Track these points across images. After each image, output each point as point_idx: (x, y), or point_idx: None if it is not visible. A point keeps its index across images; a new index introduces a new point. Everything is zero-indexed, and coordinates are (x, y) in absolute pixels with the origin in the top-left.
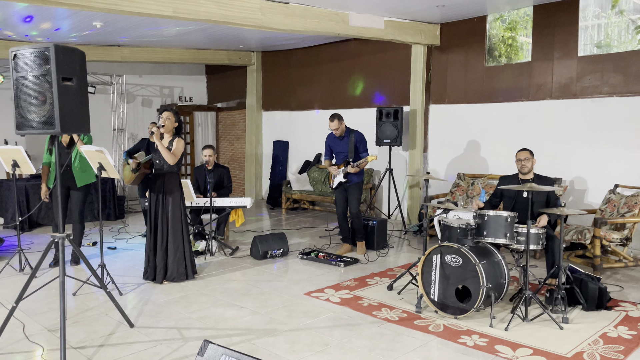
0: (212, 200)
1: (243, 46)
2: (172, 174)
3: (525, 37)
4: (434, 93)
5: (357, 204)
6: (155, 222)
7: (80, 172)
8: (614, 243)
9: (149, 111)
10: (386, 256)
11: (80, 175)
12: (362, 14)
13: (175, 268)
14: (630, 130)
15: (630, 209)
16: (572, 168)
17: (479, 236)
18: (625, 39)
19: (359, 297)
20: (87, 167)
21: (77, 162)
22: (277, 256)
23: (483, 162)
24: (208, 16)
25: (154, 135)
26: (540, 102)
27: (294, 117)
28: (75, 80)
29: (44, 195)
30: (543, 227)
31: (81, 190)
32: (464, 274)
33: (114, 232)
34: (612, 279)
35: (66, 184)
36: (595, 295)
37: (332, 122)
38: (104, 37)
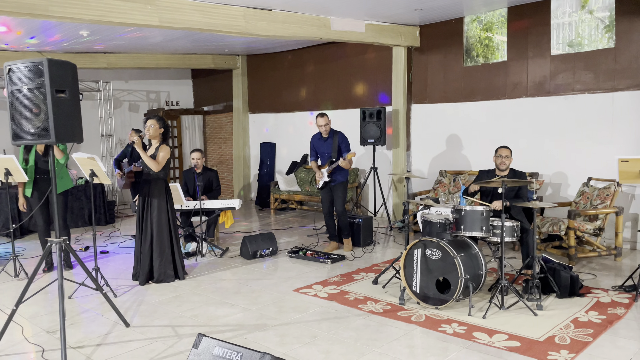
0: (202, 202)
1: (228, 50)
2: (158, 180)
3: (501, 37)
4: (415, 93)
5: (343, 203)
6: (142, 225)
7: (58, 180)
8: (588, 233)
9: (136, 116)
10: (372, 252)
11: (58, 182)
12: (343, 19)
13: (163, 270)
14: (602, 126)
15: (602, 201)
16: (548, 163)
17: (457, 230)
18: (595, 37)
19: (346, 292)
20: (63, 173)
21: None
22: (267, 255)
23: (464, 159)
24: (193, 24)
25: (136, 144)
26: (516, 100)
27: (280, 119)
28: (68, 92)
29: (21, 206)
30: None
31: (60, 196)
32: (444, 267)
33: (105, 236)
34: (587, 267)
35: (45, 191)
36: (568, 283)
37: (321, 118)
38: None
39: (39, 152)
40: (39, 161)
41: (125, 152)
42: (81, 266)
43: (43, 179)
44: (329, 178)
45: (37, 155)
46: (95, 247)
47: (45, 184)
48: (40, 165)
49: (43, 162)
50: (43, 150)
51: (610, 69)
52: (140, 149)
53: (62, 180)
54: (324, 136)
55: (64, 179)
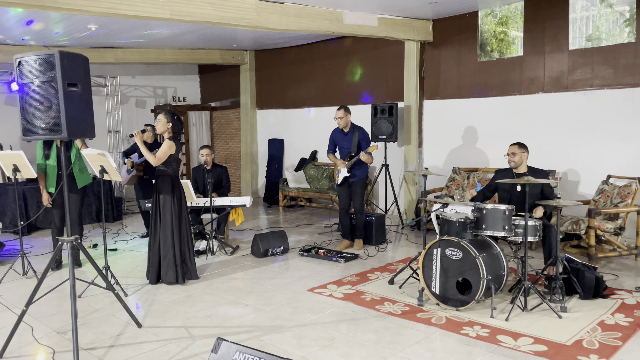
0: (212, 200)
1: (236, 45)
2: (164, 176)
3: (516, 31)
4: (428, 88)
5: (362, 200)
6: (153, 222)
7: (80, 174)
8: (608, 233)
9: (143, 112)
10: (385, 251)
11: (80, 177)
12: (356, 12)
13: (165, 271)
14: (621, 122)
15: (623, 199)
16: (565, 160)
17: (478, 229)
18: (614, 32)
19: (362, 292)
20: (84, 168)
21: (77, 163)
22: (278, 254)
23: (478, 156)
24: (204, 17)
25: (136, 137)
26: (533, 95)
27: (289, 115)
28: (80, 86)
29: (46, 202)
30: (539, 218)
31: (80, 192)
32: (464, 267)
33: (113, 233)
34: (607, 267)
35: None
36: (592, 284)
37: (338, 110)
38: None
39: (58, 146)
40: (60, 155)
41: (135, 147)
42: (92, 265)
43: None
44: (349, 174)
45: (58, 150)
46: (105, 245)
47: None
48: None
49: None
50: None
51: (631, 64)
52: (140, 142)
53: (82, 175)
54: (344, 130)
55: (85, 173)
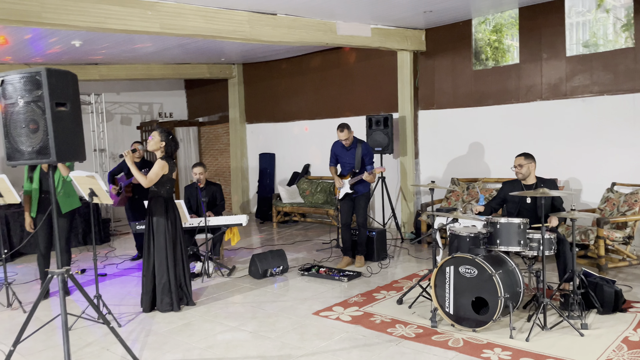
0: (207, 219)
1: (224, 59)
2: (158, 197)
3: (510, 39)
4: (422, 99)
5: (365, 214)
6: (146, 246)
7: (65, 198)
8: (617, 242)
9: (129, 129)
10: (388, 267)
11: (65, 201)
12: (349, 23)
13: (160, 297)
14: (623, 129)
15: (630, 207)
16: (566, 168)
17: (492, 245)
18: (612, 37)
19: (370, 314)
20: (70, 192)
21: (60, 187)
22: (277, 274)
23: (476, 166)
24: (196, 30)
25: (126, 157)
26: (531, 103)
27: (280, 129)
28: (69, 105)
29: (28, 226)
30: (553, 231)
31: (66, 216)
32: (480, 285)
33: (101, 257)
34: (619, 278)
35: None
36: (612, 299)
37: (341, 132)
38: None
39: (44, 170)
40: (43, 179)
41: (122, 166)
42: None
43: (48, 199)
44: (352, 190)
45: (41, 173)
46: (96, 271)
47: (49, 203)
48: (45, 183)
49: (47, 180)
50: (47, 168)
51: (631, 69)
52: (130, 162)
53: (69, 199)
54: (346, 146)
55: (72, 197)
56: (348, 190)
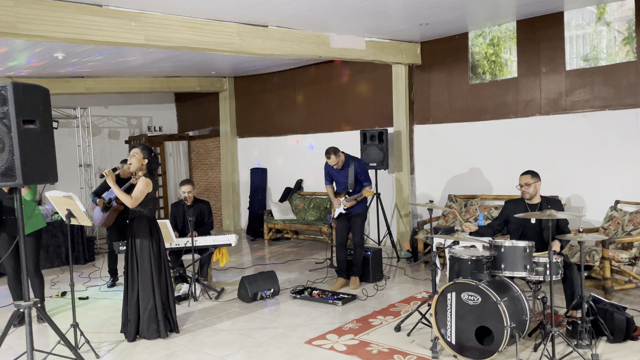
0: (194, 239)
1: (215, 72)
2: (141, 217)
3: (508, 53)
4: (418, 113)
5: (362, 233)
6: (128, 271)
7: (25, 219)
8: (623, 263)
9: (117, 143)
10: (384, 289)
11: (26, 222)
12: (343, 35)
13: (146, 325)
14: (625, 144)
15: (636, 226)
16: (567, 185)
17: (496, 269)
18: (612, 50)
19: (366, 343)
20: (32, 212)
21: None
22: (268, 297)
23: (474, 182)
24: (183, 43)
25: (107, 177)
26: (530, 118)
27: (272, 143)
28: (39, 123)
29: None
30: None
31: (30, 238)
32: (484, 313)
33: (84, 277)
34: (626, 301)
35: (12, 234)
36: (623, 327)
37: (329, 158)
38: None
39: (4, 190)
40: (4, 200)
41: (105, 186)
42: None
43: (10, 220)
44: (346, 211)
45: (1, 193)
46: (73, 298)
47: (13, 225)
48: (6, 204)
49: (9, 200)
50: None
51: (633, 84)
52: (112, 182)
53: (31, 220)
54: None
55: (34, 218)
56: (343, 211)
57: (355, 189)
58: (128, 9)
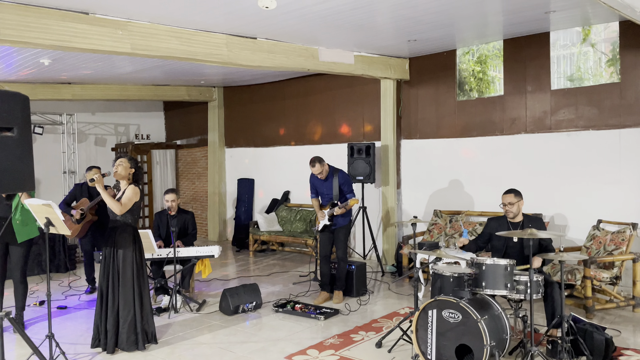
0: (177, 250)
1: (204, 82)
2: (125, 226)
3: (495, 71)
4: (405, 128)
5: (345, 247)
6: (106, 282)
7: (21, 226)
8: (604, 282)
9: (103, 150)
10: (367, 304)
11: (21, 230)
12: (332, 49)
13: (125, 336)
14: (608, 164)
15: (617, 246)
16: (551, 204)
17: (477, 287)
18: (597, 72)
19: (347, 359)
20: (29, 220)
21: (18, 214)
22: (250, 310)
23: (459, 198)
24: (170, 52)
25: (97, 182)
26: (515, 136)
27: (259, 154)
28: (17, 130)
29: None
30: (541, 272)
31: (22, 246)
32: (464, 331)
33: (64, 286)
34: (606, 321)
35: (4, 240)
36: (602, 347)
37: (313, 167)
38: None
39: (2, 195)
40: (0, 204)
41: (75, 193)
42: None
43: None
44: (329, 222)
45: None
46: (49, 308)
47: (5, 232)
48: (1, 210)
49: (5, 207)
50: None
51: (616, 105)
52: (101, 187)
53: (26, 228)
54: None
55: (29, 226)
56: (326, 222)
57: (340, 201)
58: (115, 17)
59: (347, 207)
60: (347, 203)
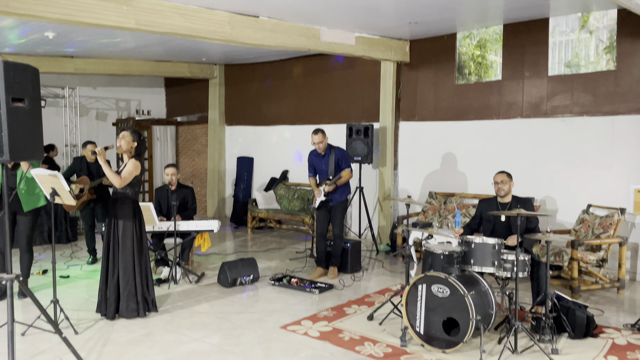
0: (177, 224)
1: (206, 59)
2: (125, 199)
3: (494, 55)
4: (404, 110)
5: (342, 224)
6: (108, 251)
7: (27, 196)
8: (591, 264)
9: (104, 125)
10: (361, 280)
11: (27, 199)
12: (334, 30)
13: (125, 304)
14: (601, 150)
15: (605, 230)
16: (543, 187)
17: (466, 264)
18: (594, 59)
19: (339, 330)
20: (34, 189)
21: (23, 184)
22: (247, 283)
23: (454, 180)
24: (173, 29)
25: (99, 155)
26: (511, 120)
27: (260, 133)
28: (28, 101)
29: None
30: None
31: (29, 215)
32: (452, 306)
33: (65, 257)
34: (591, 301)
35: (12, 209)
36: (583, 324)
37: (315, 135)
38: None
39: (7, 166)
40: (7, 175)
41: (74, 167)
42: (36, 305)
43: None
44: (326, 197)
45: (6, 169)
46: (54, 275)
47: (13, 201)
48: (9, 180)
49: (10, 176)
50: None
51: (611, 92)
52: (103, 161)
53: (32, 197)
54: (320, 153)
55: (35, 196)
56: (323, 198)
57: (335, 175)
58: None
59: (341, 179)
60: (340, 175)
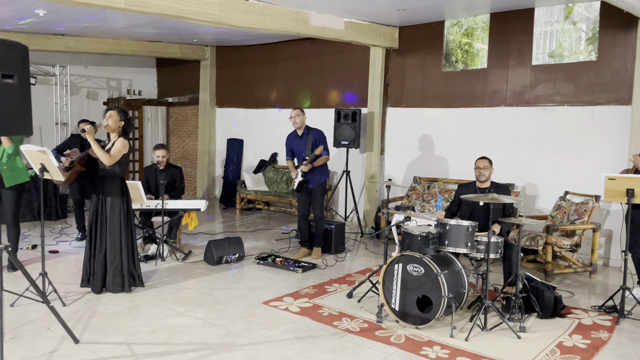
0: (165, 202)
1: (197, 40)
2: (113, 176)
3: (481, 43)
4: (392, 96)
5: (322, 207)
6: (94, 227)
7: (9, 172)
8: (565, 249)
9: (95, 104)
10: (344, 261)
11: (9, 175)
12: (323, 14)
13: (112, 279)
14: (581, 139)
15: (580, 216)
16: (524, 174)
17: (441, 245)
18: (576, 49)
19: (319, 306)
20: (16, 165)
21: (5, 159)
22: (233, 261)
23: (439, 166)
24: (162, 10)
25: (87, 133)
26: (495, 108)
27: (250, 115)
28: (17, 78)
29: None
30: (501, 235)
31: (12, 190)
32: (426, 284)
33: (55, 233)
34: (563, 284)
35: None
36: (551, 304)
37: (294, 109)
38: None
39: None
40: None
41: (68, 143)
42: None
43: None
44: (303, 177)
45: None
46: (43, 249)
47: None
48: None
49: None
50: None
51: (592, 82)
52: (92, 138)
53: (14, 173)
54: (298, 134)
55: (17, 172)
56: (300, 178)
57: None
58: None
59: (315, 162)
60: (314, 153)
